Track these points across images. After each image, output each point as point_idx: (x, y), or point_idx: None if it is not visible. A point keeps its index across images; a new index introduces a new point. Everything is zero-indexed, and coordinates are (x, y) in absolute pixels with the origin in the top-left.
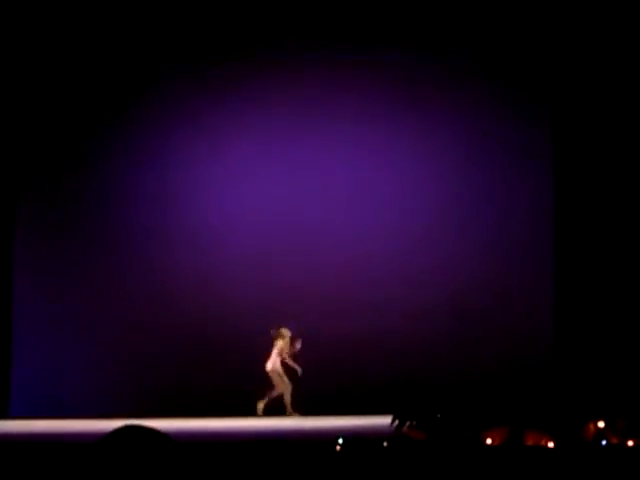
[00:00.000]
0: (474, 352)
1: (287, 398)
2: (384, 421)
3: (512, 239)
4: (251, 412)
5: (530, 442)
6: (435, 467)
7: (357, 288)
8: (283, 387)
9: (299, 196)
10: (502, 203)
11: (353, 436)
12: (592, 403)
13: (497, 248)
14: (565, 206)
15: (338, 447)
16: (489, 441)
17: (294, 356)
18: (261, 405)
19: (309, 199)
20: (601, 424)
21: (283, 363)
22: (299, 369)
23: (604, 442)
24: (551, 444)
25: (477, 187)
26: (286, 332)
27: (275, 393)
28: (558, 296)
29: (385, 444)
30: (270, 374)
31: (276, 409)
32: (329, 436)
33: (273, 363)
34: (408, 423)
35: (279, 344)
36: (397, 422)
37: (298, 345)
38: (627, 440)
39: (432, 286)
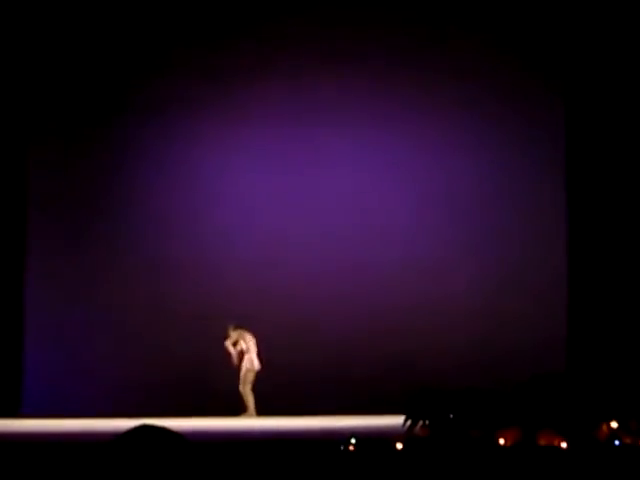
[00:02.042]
0: (487, 352)
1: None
2: (397, 421)
3: (526, 236)
4: (266, 412)
5: (543, 442)
6: (447, 467)
7: (366, 287)
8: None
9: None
10: (515, 201)
11: (365, 436)
12: (605, 403)
13: (510, 247)
14: (578, 205)
15: (351, 447)
16: (502, 441)
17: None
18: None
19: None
20: (614, 424)
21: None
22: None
23: (617, 442)
24: (564, 444)
25: (488, 183)
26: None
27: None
28: (572, 295)
29: (399, 445)
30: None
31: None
32: (341, 436)
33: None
34: (420, 423)
35: (248, 343)
36: (410, 422)
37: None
38: None
39: (446, 285)
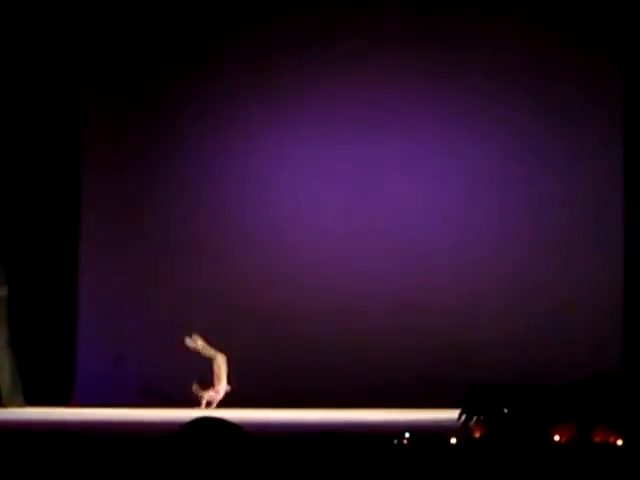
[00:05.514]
0: (542, 348)
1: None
2: (450, 416)
3: (580, 236)
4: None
5: (599, 439)
6: (501, 463)
7: (423, 286)
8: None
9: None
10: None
11: (420, 431)
12: None
13: (564, 244)
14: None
15: (405, 441)
16: (557, 437)
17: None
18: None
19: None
20: None
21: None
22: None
23: None
24: (620, 441)
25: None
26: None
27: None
28: (628, 291)
29: (453, 440)
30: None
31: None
32: (396, 430)
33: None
34: (475, 418)
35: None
36: (464, 417)
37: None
38: None
39: (498, 284)
